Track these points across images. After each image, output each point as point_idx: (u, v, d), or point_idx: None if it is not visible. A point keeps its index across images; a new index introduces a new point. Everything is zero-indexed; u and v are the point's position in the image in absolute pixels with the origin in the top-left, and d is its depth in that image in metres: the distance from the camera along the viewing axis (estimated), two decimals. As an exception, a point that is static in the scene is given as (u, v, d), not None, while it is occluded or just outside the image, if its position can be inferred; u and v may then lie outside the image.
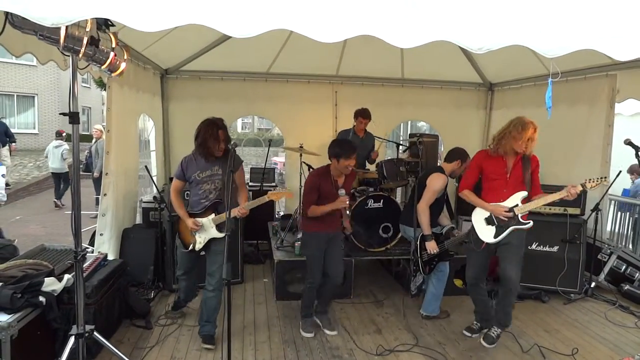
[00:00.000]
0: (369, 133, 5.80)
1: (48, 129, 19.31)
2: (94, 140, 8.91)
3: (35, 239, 6.64)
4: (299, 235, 4.97)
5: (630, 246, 6.00)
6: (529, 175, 3.56)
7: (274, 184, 6.64)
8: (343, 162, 3.59)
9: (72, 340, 2.55)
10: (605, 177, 3.38)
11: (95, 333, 2.66)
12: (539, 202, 3.48)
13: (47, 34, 2.17)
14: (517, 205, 3.53)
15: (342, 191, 3.66)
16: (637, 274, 4.95)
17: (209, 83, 6.40)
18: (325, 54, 6.08)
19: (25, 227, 8.16)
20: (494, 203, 3.60)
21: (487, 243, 3.64)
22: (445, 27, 2.11)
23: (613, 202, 6.36)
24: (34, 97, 20.08)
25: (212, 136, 3.42)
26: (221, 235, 3.49)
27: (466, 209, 5.85)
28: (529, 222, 3.52)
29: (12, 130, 12.24)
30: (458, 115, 7.03)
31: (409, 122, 13.33)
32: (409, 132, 9.53)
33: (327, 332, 3.94)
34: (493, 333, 3.77)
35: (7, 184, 11.07)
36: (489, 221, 3.64)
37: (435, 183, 3.99)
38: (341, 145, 3.66)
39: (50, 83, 20.33)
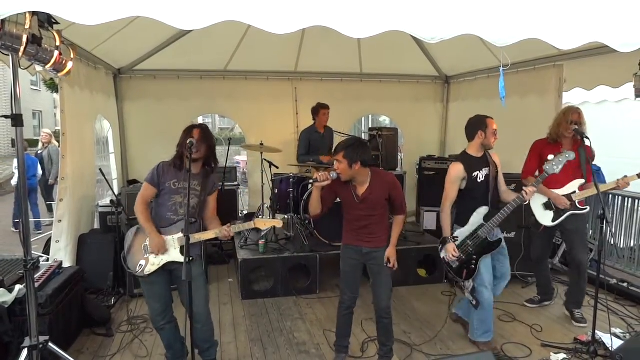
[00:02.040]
0: (328, 128, 5.83)
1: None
2: (41, 145, 8.48)
3: (-16, 251, 6.31)
4: (263, 233, 4.95)
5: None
6: (584, 162, 3.76)
7: (236, 183, 6.56)
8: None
9: (25, 353, 2.43)
10: None
11: (50, 344, 2.55)
12: (595, 191, 3.50)
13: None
14: (574, 192, 3.77)
15: (333, 173, 2.99)
16: (590, 255, 5.20)
17: (164, 82, 6.24)
18: (283, 50, 6.05)
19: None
20: (555, 190, 3.82)
21: (545, 226, 3.92)
22: (398, 17, 2.15)
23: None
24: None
25: (182, 137, 2.95)
26: (181, 259, 2.88)
27: (428, 200, 6.01)
28: (586, 208, 3.83)
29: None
30: (417, 108, 7.16)
31: (370, 117, 13.45)
32: (369, 126, 9.61)
33: None
34: (578, 314, 4.01)
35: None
36: (547, 206, 3.92)
37: (448, 176, 3.50)
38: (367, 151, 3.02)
39: (-4, 87, 19.30)
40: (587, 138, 3.55)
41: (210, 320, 3.14)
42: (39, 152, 8.36)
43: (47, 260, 4.27)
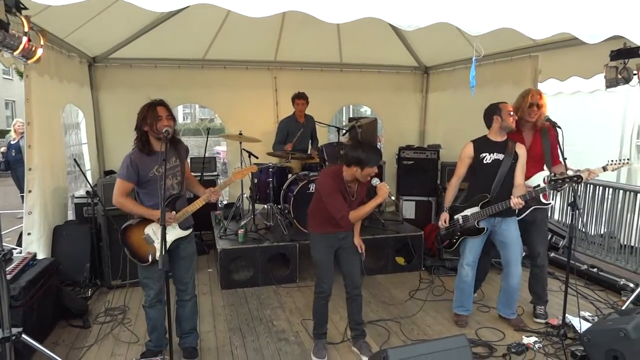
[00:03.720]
0: (309, 117, 5.82)
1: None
2: (14, 135, 8.25)
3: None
4: (242, 223, 4.94)
5: (557, 217, 6.45)
6: (548, 149, 3.65)
7: (215, 173, 6.52)
8: (367, 170, 3.00)
9: (-3, 345, 2.40)
10: (628, 159, 3.59)
11: (23, 336, 2.51)
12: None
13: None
14: (538, 186, 3.57)
15: (375, 180, 3.10)
16: (561, 242, 5.35)
17: (141, 71, 6.13)
18: (263, 39, 6.01)
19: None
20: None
21: None
22: (375, 4, 2.17)
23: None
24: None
25: (150, 115, 2.84)
26: (187, 232, 3.08)
27: (407, 189, 6.07)
28: (550, 202, 3.67)
29: None
30: (396, 99, 7.19)
31: (351, 107, 13.48)
32: (350, 116, 9.63)
33: (365, 358, 3.30)
34: (539, 310, 3.95)
35: None
36: None
37: (460, 155, 3.71)
38: (368, 151, 3.00)
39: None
40: (560, 128, 3.53)
41: (195, 294, 3.29)
42: (12, 141, 8.14)
43: (21, 252, 4.19)
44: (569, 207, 3.27)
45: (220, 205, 6.35)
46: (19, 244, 4.71)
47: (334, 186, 3.08)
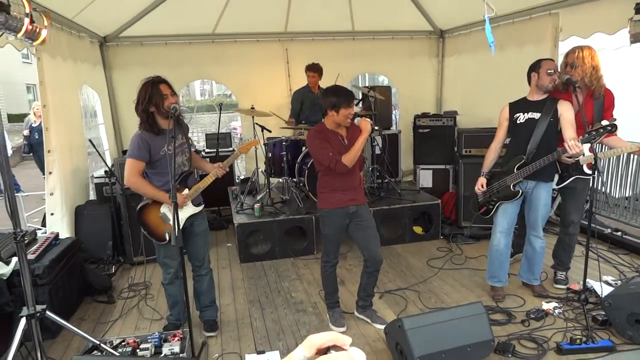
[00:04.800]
0: (322, 88, 5.73)
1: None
2: (33, 118, 8.42)
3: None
4: (259, 197, 4.96)
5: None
6: (599, 116, 3.35)
7: (231, 148, 6.53)
8: (343, 112, 2.99)
9: (23, 321, 2.49)
10: None
11: (48, 312, 2.60)
12: (611, 153, 3.42)
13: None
14: (582, 155, 3.23)
15: (357, 119, 3.16)
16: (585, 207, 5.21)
17: (152, 49, 6.11)
18: (272, 9, 5.90)
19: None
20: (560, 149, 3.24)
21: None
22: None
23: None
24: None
25: (155, 94, 2.80)
26: (199, 208, 3.11)
27: (423, 158, 5.98)
28: (593, 173, 3.29)
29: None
30: (411, 65, 7.00)
31: (367, 76, 13.24)
32: (363, 86, 9.47)
33: (378, 326, 3.31)
34: (560, 275, 3.87)
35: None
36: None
37: (499, 118, 3.61)
38: (337, 93, 3.03)
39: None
40: (579, 87, 3.37)
41: (211, 268, 3.35)
42: (33, 124, 8.31)
43: (45, 232, 4.32)
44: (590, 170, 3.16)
45: (237, 180, 6.39)
46: (44, 224, 4.85)
47: (320, 138, 3.07)
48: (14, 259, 3.19)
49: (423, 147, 5.96)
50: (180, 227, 2.90)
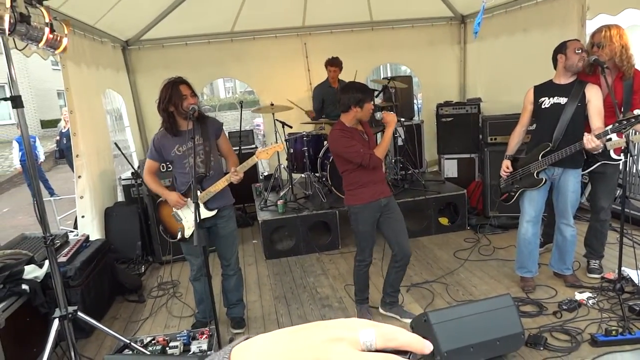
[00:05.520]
0: (342, 82, 5.67)
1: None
2: (63, 124, 8.72)
3: (24, 229, 6.58)
4: (282, 193, 4.97)
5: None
6: (628, 98, 3.20)
7: (253, 146, 6.56)
8: (367, 107, 3.02)
9: (56, 322, 2.58)
10: None
11: (79, 313, 2.69)
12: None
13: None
14: (609, 140, 2.99)
15: (378, 114, 3.16)
16: (617, 192, 5.01)
17: (173, 50, 6.20)
18: (289, 4, 5.87)
19: (14, 218, 8.14)
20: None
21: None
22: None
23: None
24: (4, 86, 19.48)
25: (174, 95, 2.84)
26: (212, 213, 3.03)
27: (447, 147, 5.86)
28: (621, 158, 3.25)
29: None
30: (433, 53, 6.85)
31: (388, 66, 13.06)
32: (389, 76, 9.35)
33: (407, 320, 3.24)
34: (594, 264, 3.73)
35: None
36: None
37: (523, 102, 3.48)
38: (361, 89, 3.04)
39: (18, 70, 19.65)
40: (607, 67, 3.22)
41: (240, 268, 3.35)
42: (63, 129, 8.59)
43: (77, 235, 4.45)
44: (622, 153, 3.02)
45: (261, 177, 6.43)
46: (76, 226, 5.01)
47: (346, 137, 3.02)
48: (47, 262, 3.30)
49: (447, 136, 5.84)
50: (192, 230, 3.00)
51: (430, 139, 6.41)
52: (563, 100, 3.21)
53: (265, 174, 6.70)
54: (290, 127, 5.36)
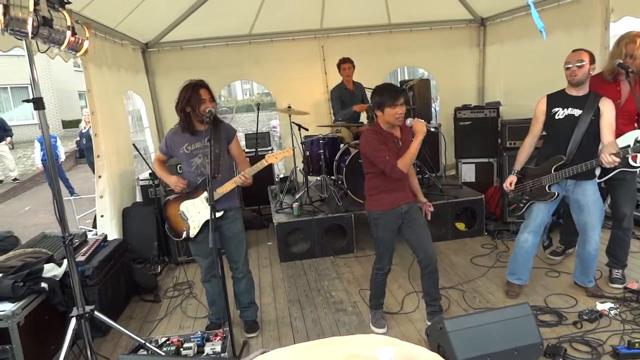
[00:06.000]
0: (358, 84, 5.67)
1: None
2: (83, 125, 8.88)
3: (45, 227, 6.74)
4: (297, 196, 4.96)
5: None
6: None
7: (269, 147, 6.59)
8: (389, 111, 2.85)
9: (73, 321, 2.61)
10: None
11: (96, 312, 2.72)
12: None
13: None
14: (628, 146, 2.92)
15: (409, 120, 2.93)
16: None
17: (192, 52, 6.26)
18: (307, 6, 5.88)
19: (35, 216, 8.31)
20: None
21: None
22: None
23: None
24: (27, 87, 19.93)
25: (193, 97, 2.89)
26: (218, 214, 2.96)
27: (465, 151, 5.79)
28: None
29: (12, 123, 12.26)
30: (451, 56, 6.78)
31: (405, 69, 12.97)
32: (401, 80, 9.29)
33: None
34: (616, 274, 3.61)
35: (14, 179, 11.25)
36: None
37: (534, 111, 3.39)
38: (380, 91, 2.90)
39: (41, 71, 20.11)
40: (632, 72, 3.14)
41: (249, 270, 3.34)
42: (83, 130, 8.74)
43: (96, 234, 4.52)
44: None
45: (277, 179, 6.45)
46: (95, 225, 5.08)
47: (378, 140, 2.92)
48: (66, 261, 3.35)
49: (465, 140, 5.77)
50: (197, 230, 3.07)
51: (447, 143, 6.32)
52: (577, 112, 3.13)
53: (281, 176, 6.72)
54: (307, 129, 5.35)
